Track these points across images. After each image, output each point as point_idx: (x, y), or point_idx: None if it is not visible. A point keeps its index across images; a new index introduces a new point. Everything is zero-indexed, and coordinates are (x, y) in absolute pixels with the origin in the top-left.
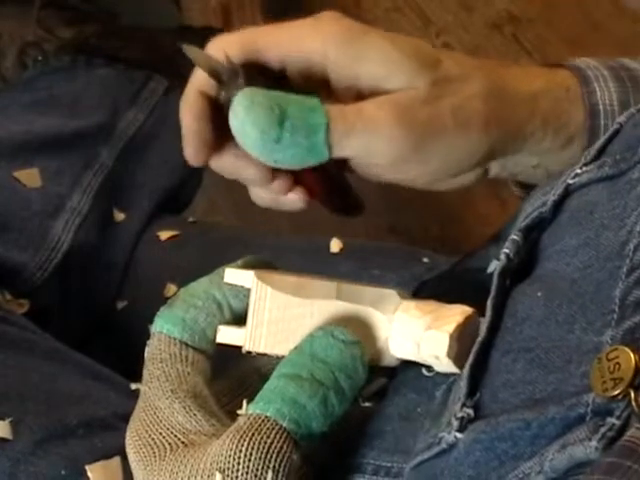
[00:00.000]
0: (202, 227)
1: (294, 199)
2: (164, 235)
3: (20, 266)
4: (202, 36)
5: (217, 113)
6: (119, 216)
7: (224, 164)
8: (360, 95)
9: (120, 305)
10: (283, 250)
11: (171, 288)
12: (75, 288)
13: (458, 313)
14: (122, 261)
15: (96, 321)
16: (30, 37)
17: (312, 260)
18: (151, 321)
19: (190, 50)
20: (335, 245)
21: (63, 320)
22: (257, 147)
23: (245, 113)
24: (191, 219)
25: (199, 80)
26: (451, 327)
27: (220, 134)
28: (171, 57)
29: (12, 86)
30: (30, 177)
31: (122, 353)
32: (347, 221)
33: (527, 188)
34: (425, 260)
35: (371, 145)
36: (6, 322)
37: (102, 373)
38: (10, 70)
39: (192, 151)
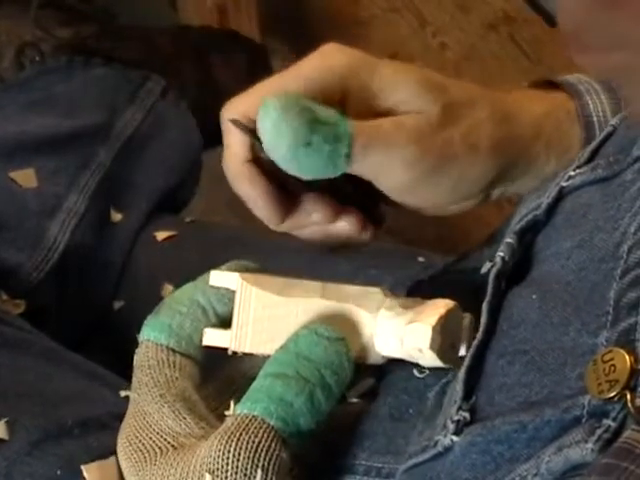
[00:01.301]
0: (200, 227)
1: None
2: (161, 235)
3: (16, 266)
4: (200, 36)
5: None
6: (116, 216)
7: (298, 223)
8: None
9: (117, 305)
10: (281, 250)
11: (168, 288)
12: (72, 288)
13: (440, 306)
14: (119, 261)
15: (93, 321)
16: (28, 37)
17: (309, 260)
18: None
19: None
20: None
21: (60, 320)
22: (284, 153)
23: (277, 117)
24: (188, 219)
25: (239, 149)
26: (433, 319)
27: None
28: (168, 57)
29: (9, 86)
30: (26, 177)
31: (119, 353)
32: None
33: None
34: (421, 260)
35: (387, 163)
36: (2, 322)
37: (98, 373)
38: (8, 70)
39: (271, 214)
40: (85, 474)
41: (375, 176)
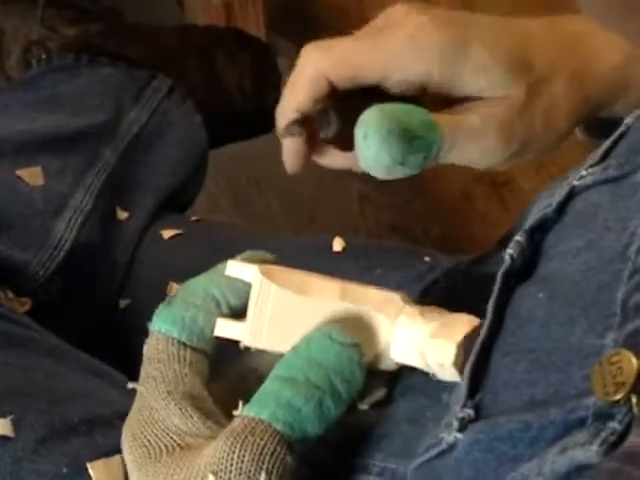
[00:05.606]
0: (205, 226)
1: None
2: (167, 234)
3: (22, 264)
4: (205, 35)
5: None
6: (122, 215)
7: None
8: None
9: (123, 304)
10: (286, 249)
11: (174, 287)
12: (77, 287)
13: (465, 323)
14: (125, 260)
15: (99, 320)
16: (34, 36)
17: (315, 259)
18: None
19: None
20: (338, 244)
21: (65, 319)
22: (382, 171)
23: (380, 143)
24: (194, 218)
25: (303, 103)
26: (459, 337)
27: None
28: (174, 56)
29: (15, 85)
30: (33, 175)
31: (125, 351)
32: (349, 220)
33: (591, 130)
34: (427, 259)
35: (468, 155)
36: (8, 320)
37: (104, 371)
38: (14, 69)
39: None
40: (91, 471)
41: (454, 162)
